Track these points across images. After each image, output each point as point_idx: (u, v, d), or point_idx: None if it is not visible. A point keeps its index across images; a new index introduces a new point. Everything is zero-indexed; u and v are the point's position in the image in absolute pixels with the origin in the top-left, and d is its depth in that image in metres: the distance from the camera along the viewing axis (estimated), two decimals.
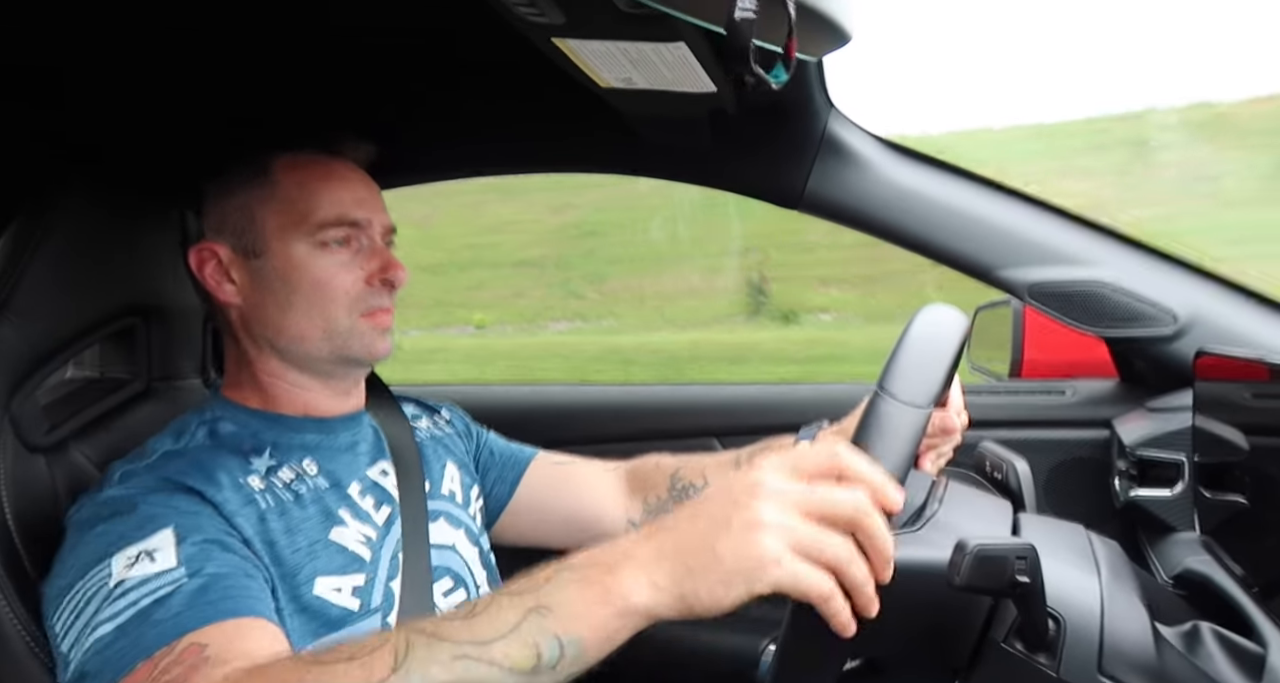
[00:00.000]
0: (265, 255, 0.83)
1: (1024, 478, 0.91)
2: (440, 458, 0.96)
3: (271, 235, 0.82)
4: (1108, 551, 0.75)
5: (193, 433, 0.80)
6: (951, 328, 0.66)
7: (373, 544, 0.80)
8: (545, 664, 0.53)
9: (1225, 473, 0.84)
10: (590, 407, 1.46)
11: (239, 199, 0.84)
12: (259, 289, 0.83)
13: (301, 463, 0.82)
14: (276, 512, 0.75)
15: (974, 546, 0.57)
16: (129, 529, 0.67)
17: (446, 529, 0.90)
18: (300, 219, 0.82)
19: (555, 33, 0.68)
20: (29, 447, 0.80)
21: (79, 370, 0.97)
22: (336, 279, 0.82)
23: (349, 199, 0.84)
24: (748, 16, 0.50)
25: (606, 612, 0.53)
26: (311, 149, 0.87)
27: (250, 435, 0.82)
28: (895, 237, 1.15)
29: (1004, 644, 0.64)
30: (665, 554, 0.54)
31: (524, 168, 1.34)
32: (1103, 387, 1.25)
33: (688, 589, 0.52)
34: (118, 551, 0.65)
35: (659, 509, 1.01)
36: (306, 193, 0.83)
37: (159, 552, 0.65)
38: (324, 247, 0.82)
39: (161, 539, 0.66)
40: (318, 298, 0.82)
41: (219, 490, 0.72)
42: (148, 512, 0.68)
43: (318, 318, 0.82)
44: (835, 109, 1.13)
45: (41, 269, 0.82)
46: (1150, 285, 1.09)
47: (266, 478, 0.78)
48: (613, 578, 0.54)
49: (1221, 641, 0.65)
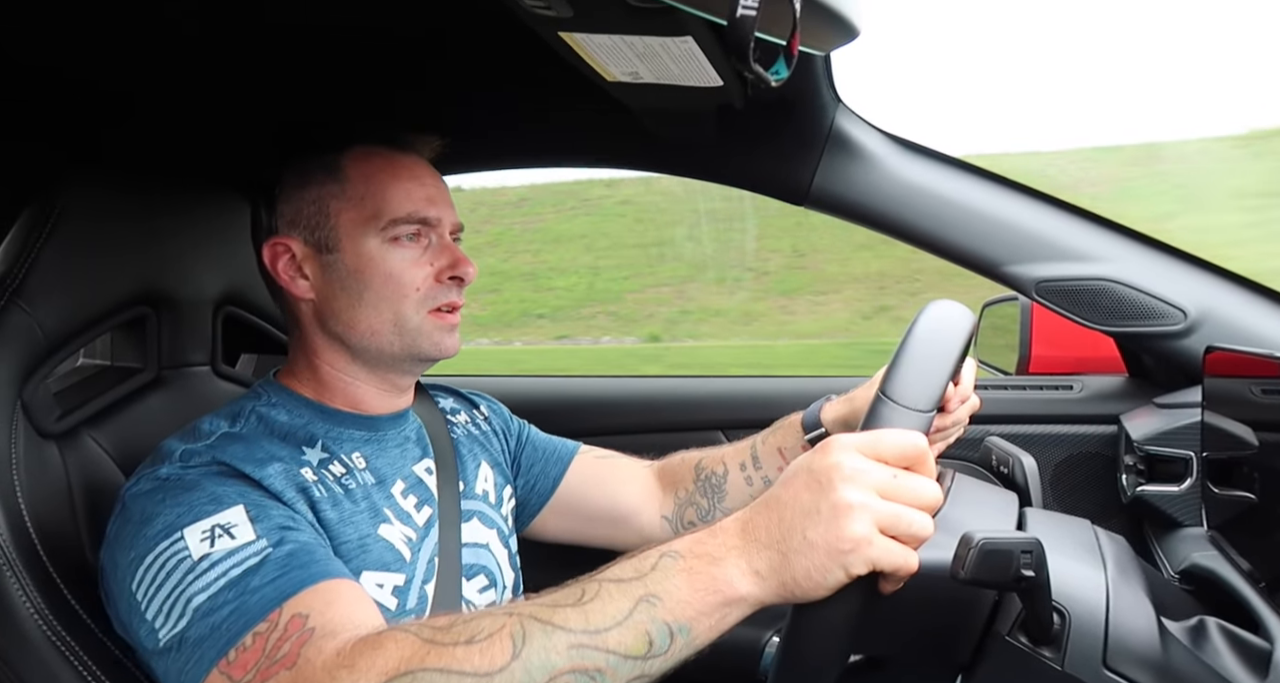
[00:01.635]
0: (338, 251, 0.83)
1: (1030, 473, 0.91)
2: (475, 457, 0.96)
3: (344, 231, 0.82)
4: (1114, 545, 0.75)
5: (247, 417, 0.80)
6: (956, 326, 0.66)
7: (413, 545, 0.81)
8: (656, 651, 0.55)
9: (1234, 469, 0.84)
10: (597, 399, 1.46)
11: (312, 194, 0.84)
12: (332, 284, 0.83)
13: (351, 456, 0.82)
14: (329, 502, 0.76)
15: (979, 539, 0.57)
16: (198, 504, 0.67)
17: (480, 529, 0.90)
18: (373, 215, 0.82)
19: (563, 26, 0.68)
20: (41, 433, 0.81)
21: (90, 358, 0.98)
22: (407, 274, 0.82)
23: (420, 196, 0.84)
24: (749, 13, 0.49)
25: (714, 601, 0.55)
26: (381, 144, 0.86)
27: (303, 426, 0.82)
28: (901, 232, 1.15)
29: (1008, 638, 0.64)
30: (763, 544, 0.56)
31: (531, 163, 1.34)
32: (1111, 382, 1.25)
33: (787, 577, 0.55)
34: (189, 523, 0.65)
35: (687, 503, 1.02)
36: (377, 188, 0.83)
37: (235, 527, 0.65)
38: (395, 242, 0.82)
39: (234, 515, 0.66)
40: (389, 293, 0.82)
41: (273, 480, 0.72)
42: (214, 490, 0.69)
43: (387, 313, 0.82)
44: (842, 104, 1.13)
45: (53, 257, 0.82)
46: (1159, 281, 1.09)
47: (318, 470, 0.78)
48: (718, 569, 0.56)
49: (1228, 636, 0.65)
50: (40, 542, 0.75)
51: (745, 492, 0.99)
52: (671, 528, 1.03)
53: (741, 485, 0.99)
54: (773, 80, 0.56)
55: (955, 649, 0.68)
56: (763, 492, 0.97)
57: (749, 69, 0.52)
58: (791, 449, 0.96)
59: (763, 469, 0.98)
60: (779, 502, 0.57)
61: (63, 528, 0.79)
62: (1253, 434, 0.80)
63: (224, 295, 1.03)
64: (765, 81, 0.55)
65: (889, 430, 0.58)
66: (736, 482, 0.99)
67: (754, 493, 0.98)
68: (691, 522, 1.02)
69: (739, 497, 0.99)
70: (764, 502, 0.58)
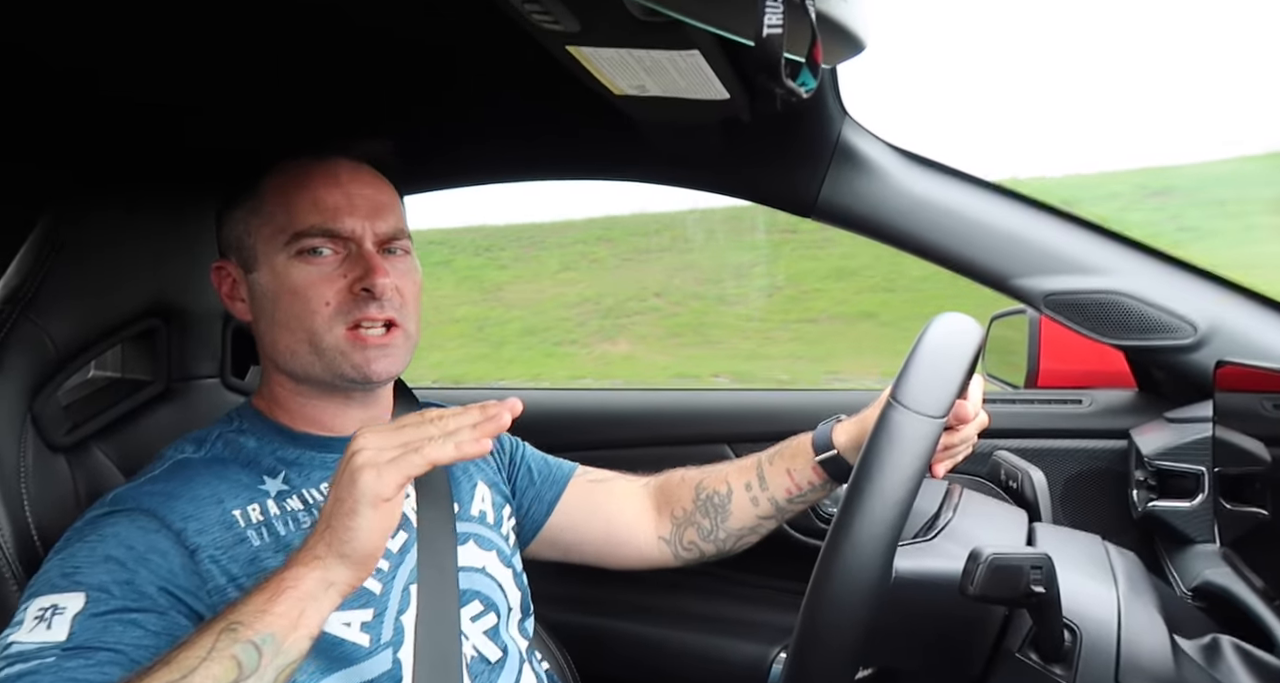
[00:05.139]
0: (257, 270, 0.81)
1: (1039, 488, 0.90)
2: (470, 477, 0.93)
3: (260, 249, 0.81)
4: (1125, 562, 0.74)
5: (213, 443, 0.80)
6: (966, 336, 0.66)
7: (383, 577, 0.78)
8: (248, 671, 0.60)
9: (1246, 484, 0.83)
10: (603, 412, 1.46)
11: (238, 215, 0.84)
12: (255, 305, 0.82)
13: (319, 486, 0.80)
14: (272, 548, 0.73)
15: (988, 555, 0.57)
16: (63, 573, 0.66)
17: (476, 552, 0.88)
18: (280, 229, 0.80)
19: (570, 40, 0.68)
20: (50, 446, 0.81)
21: (100, 371, 0.98)
22: (314, 289, 0.78)
23: (328, 204, 0.80)
24: (776, 32, 0.50)
25: (287, 600, 0.61)
26: (301, 156, 0.84)
27: (269, 453, 0.80)
28: (909, 245, 1.14)
29: (1019, 655, 0.63)
30: (315, 532, 0.64)
31: (538, 175, 1.34)
32: (1120, 397, 1.24)
33: (336, 542, 0.62)
34: (43, 594, 0.65)
35: (686, 523, 0.99)
36: (286, 201, 0.80)
37: (58, 617, 0.64)
38: (301, 256, 0.79)
39: (73, 600, 0.65)
40: (296, 310, 0.78)
41: (204, 529, 0.71)
42: (99, 552, 0.67)
43: (300, 332, 0.79)
44: (849, 116, 1.13)
45: (65, 271, 0.83)
46: (1169, 295, 1.08)
47: (275, 503, 0.76)
48: (285, 571, 0.63)
49: (1241, 654, 0.64)
50: (45, 555, 0.75)
51: (751, 512, 0.96)
52: (670, 550, 1.00)
53: (747, 506, 0.96)
54: (804, 92, 0.57)
55: (966, 663, 0.67)
56: (770, 512, 0.97)
57: (781, 84, 0.53)
58: (801, 471, 0.93)
59: (769, 490, 0.95)
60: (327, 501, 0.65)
61: None
62: (1265, 449, 0.79)
63: None
64: (796, 94, 0.56)
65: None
66: (742, 502, 0.96)
67: (760, 513, 0.96)
68: (692, 542, 0.99)
69: (744, 517, 0.96)
70: None
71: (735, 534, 0.98)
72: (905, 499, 0.59)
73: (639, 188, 1.31)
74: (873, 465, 0.60)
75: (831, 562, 0.59)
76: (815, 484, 0.94)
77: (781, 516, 0.97)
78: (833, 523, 0.61)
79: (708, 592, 1.35)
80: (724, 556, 1.00)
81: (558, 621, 1.14)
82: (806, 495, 0.95)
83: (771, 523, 0.98)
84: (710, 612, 1.31)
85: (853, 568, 0.58)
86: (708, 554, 1.00)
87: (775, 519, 0.97)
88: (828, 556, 0.59)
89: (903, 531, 0.60)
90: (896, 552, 0.61)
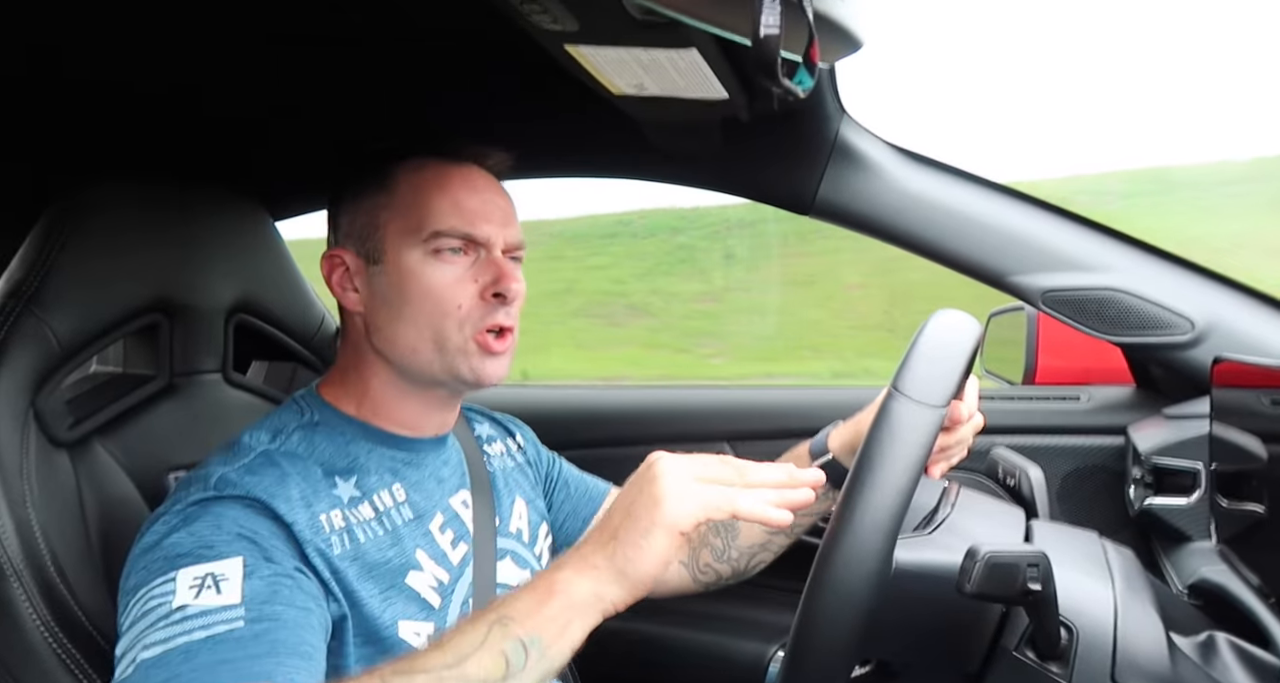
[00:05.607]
0: (383, 262, 0.81)
1: (1037, 484, 0.90)
2: (510, 492, 0.93)
3: (389, 242, 0.80)
4: (1122, 559, 0.74)
5: (289, 434, 0.78)
6: (964, 331, 0.66)
7: (443, 589, 0.79)
8: (514, 669, 0.59)
9: (1243, 482, 0.83)
10: (603, 409, 1.46)
11: (364, 205, 0.83)
12: (376, 297, 0.81)
13: (391, 488, 0.80)
14: (351, 556, 0.73)
15: (985, 552, 0.57)
16: (203, 545, 0.66)
17: (513, 569, 0.88)
18: (416, 226, 0.80)
19: (568, 40, 0.68)
20: (53, 441, 0.81)
21: (102, 366, 0.98)
22: (449, 291, 0.79)
23: (468, 208, 0.81)
24: (773, 32, 0.50)
25: (557, 605, 0.60)
26: (433, 156, 0.84)
27: (343, 447, 0.79)
28: (907, 242, 1.14)
29: (1015, 653, 0.64)
30: (597, 543, 0.62)
31: (536, 173, 1.34)
32: (1118, 393, 1.24)
33: (619, 556, 0.61)
34: (185, 565, 0.65)
35: (700, 544, 0.99)
36: (424, 200, 0.81)
37: (225, 581, 0.64)
38: (437, 255, 0.79)
39: (231, 566, 0.65)
40: (428, 308, 0.79)
41: (302, 527, 0.71)
42: (228, 529, 0.67)
43: (427, 330, 0.79)
44: (847, 115, 1.13)
45: (68, 265, 0.83)
46: (1166, 291, 1.08)
47: (348, 510, 0.75)
48: (558, 574, 0.62)
49: (1237, 651, 0.64)
50: (48, 551, 0.75)
51: (759, 527, 0.97)
52: (689, 573, 1.01)
53: None
54: (801, 91, 0.57)
55: (963, 660, 0.67)
56: None
57: (778, 84, 0.53)
58: None
59: None
60: (611, 509, 0.64)
61: (72, 538, 0.79)
62: (1262, 446, 0.79)
63: (237, 303, 1.04)
64: (794, 93, 0.56)
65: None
66: None
67: (768, 529, 0.97)
68: (708, 564, 0.99)
69: (753, 533, 0.97)
70: (601, 518, 0.65)
71: (747, 552, 0.99)
72: (907, 488, 0.59)
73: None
74: (874, 454, 0.60)
75: (833, 549, 0.59)
76: (816, 492, 0.94)
77: (790, 530, 0.98)
78: (834, 511, 0.61)
79: (707, 591, 1.35)
80: (741, 577, 1.01)
81: None
82: (811, 506, 0.96)
83: (782, 539, 0.99)
84: (709, 610, 1.31)
85: (854, 556, 0.58)
86: (724, 576, 1.00)
87: (784, 534, 0.98)
88: (829, 543, 0.60)
89: (903, 522, 0.61)
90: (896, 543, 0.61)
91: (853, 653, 0.60)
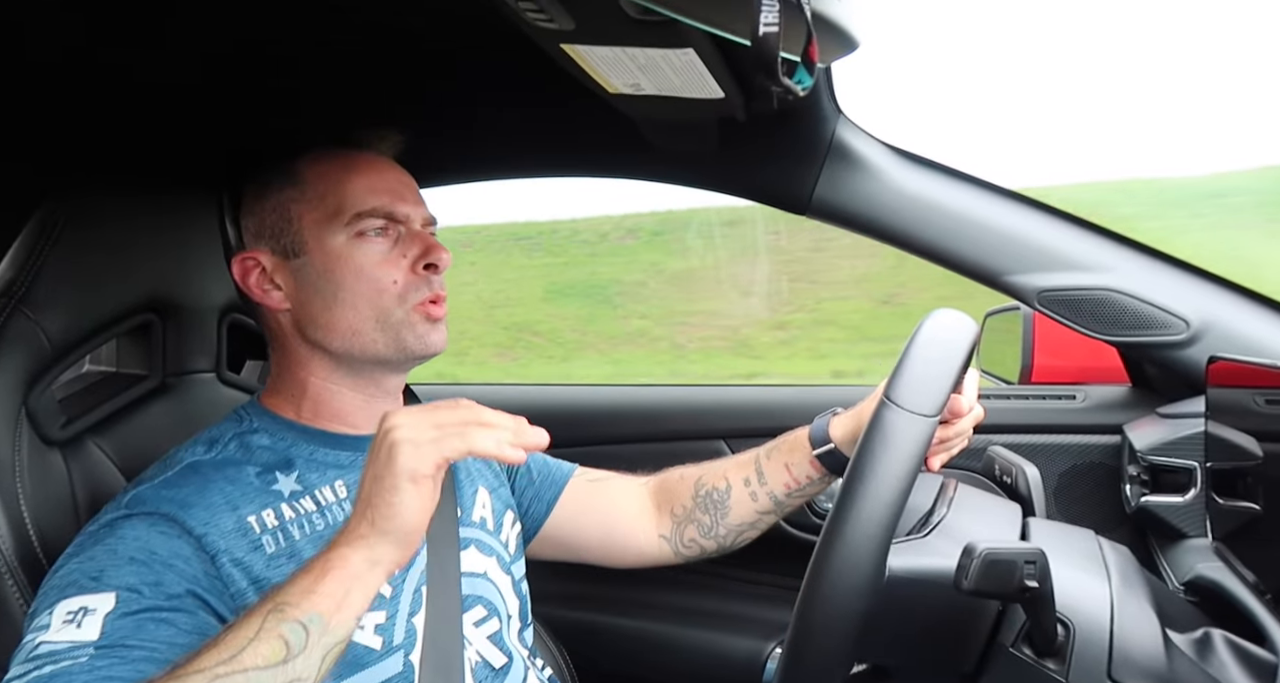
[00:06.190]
0: (305, 254, 0.81)
1: (1034, 483, 0.91)
2: (472, 482, 0.93)
3: (309, 232, 0.81)
4: (1118, 556, 0.75)
5: (225, 443, 0.79)
6: (959, 334, 0.66)
7: (394, 578, 0.78)
8: (295, 650, 0.60)
9: (1238, 479, 0.83)
10: (599, 408, 1.46)
11: (273, 202, 0.83)
12: (305, 289, 0.81)
13: (332, 485, 0.79)
14: (286, 554, 0.73)
15: (983, 550, 0.57)
16: (89, 575, 0.66)
17: (477, 557, 0.88)
18: (335, 212, 0.81)
19: (564, 38, 0.68)
20: (45, 440, 0.81)
21: (95, 365, 0.98)
22: (380, 270, 0.80)
23: (382, 189, 0.83)
24: (772, 30, 0.50)
25: (332, 580, 0.61)
26: (334, 145, 0.86)
27: (283, 450, 0.80)
28: (903, 242, 1.15)
29: (1012, 649, 0.64)
30: (356, 512, 0.64)
31: (535, 173, 1.34)
32: (1114, 392, 1.25)
33: (378, 519, 0.62)
34: (69, 596, 0.65)
35: (686, 520, 1.00)
36: (335, 185, 0.82)
37: (91, 615, 0.63)
38: (361, 237, 0.81)
39: (104, 600, 0.64)
40: (363, 288, 0.80)
41: (221, 536, 0.71)
42: (122, 552, 0.67)
43: (366, 309, 0.80)
44: (843, 115, 1.13)
45: (59, 265, 0.83)
46: (1162, 291, 1.09)
47: (288, 504, 0.75)
48: (328, 552, 0.63)
49: (1233, 648, 0.65)
50: (42, 549, 0.75)
51: (750, 507, 0.97)
52: (671, 547, 1.01)
53: (746, 501, 0.97)
54: (800, 90, 0.57)
55: (960, 658, 0.67)
56: (769, 507, 0.98)
57: (778, 83, 0.53)
58: (799, 465, 0.94)
59: (768, 485, 0.96)
60: (360, 478, 0.65)
61: (66, 536, 0.79)
62: (1256, 445, 0.79)
63: (230, 302, 1.04)
64: (793, 92, 0.56)
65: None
66: (741, 497, 0.97)
67: (759, 508, 0.97)
68: (693, 539, 1.00)
69: (744, 512, 0.97)
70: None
71: (735, 530, 0.99)
72: (898, 500, 0.59)
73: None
74: (866, 466, 0.60)
75: (824, 563, 0.59)
76: (813, 479, 0.95)
77: (780, 510, 0.98)
78: (826, 523, 0.61)
79: (704, 587, 1.35)
80: (725, 551, 1.01)
81: (555, 617, 1.14)
82: (805, 489, 0.96)
83: (771, 518, 0.99)
84: (706, 607, 1.32)
85: (846, 569, 0.58)
86: (708, 551, 1.01)
87: (774, 514, 0.98)
88: (821, 556, 0.60)
89: (896, 529, 0.61)
90: (890, 550, 0.61)
91: (848, 662, 0.60)
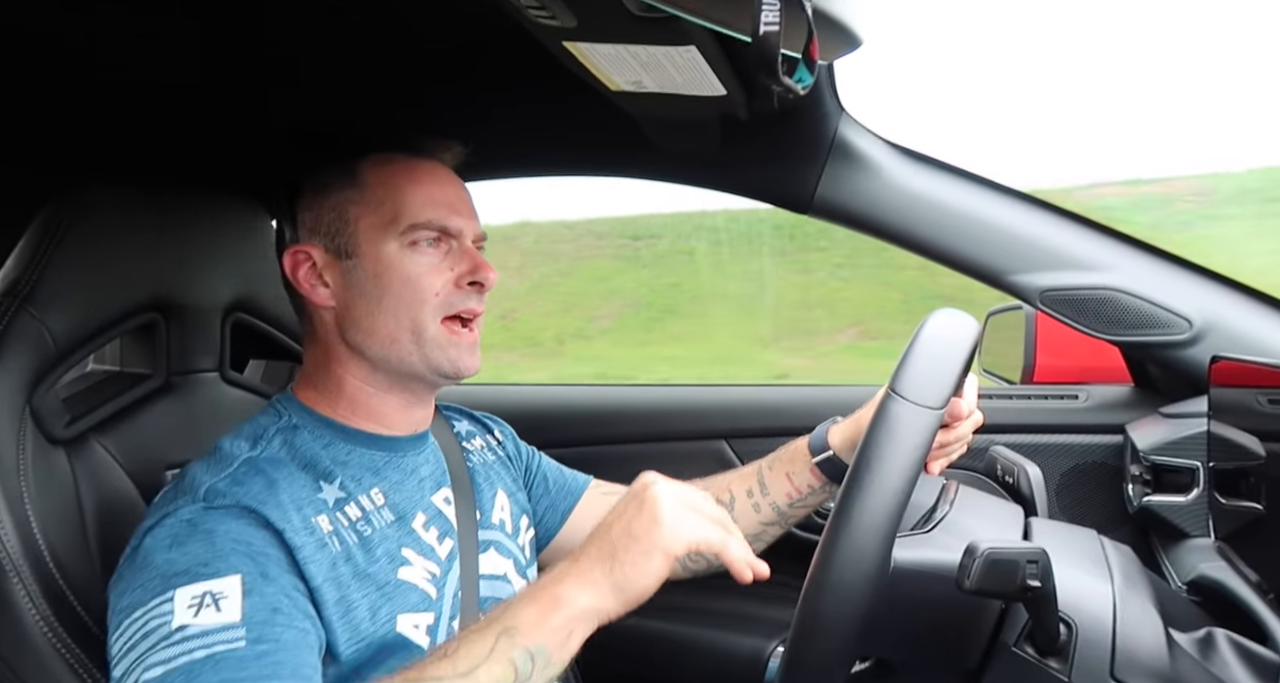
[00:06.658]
0: (357, 256, 0.81)
1: (1036, 482, 0.91)
2: (491, 485, 0.93)
3: (363, 236, 0.81)
4: (1121, 556, 0.75)
5: (269, 440, 0.78)
6: (962, 331, 0.66)
7: (437, 581, 0.79)
8: (522, 677, 0.62)
9: (1241, 479, 0.83)
10: (600, 408, 1.46)
11: (331, 201, 0.83)
12: (352, 291, 0.81)
13: (370, 493, 0.79)
14: (343, 556, 0.73)
15: (985, 549, 0.57)
16: (199, 563, 0.65)
17: (497, 559, 0.88)
18: (391, 219, 0.81)
19: (567, 36, 0.68)
20: (50, 439, 0.81)
21: (99, 364, 0.98)
22: (425, 279, 0.81)
23: (441, 202, 0.83)
24: (772, 28, 0.50)
25: (560, 617, 0.64)
26: (399, 150, 0.85)
27: (323, 449, 0.79)
28: (905, 241, 1.15)
29: (1015, 649, 0.64)
30: (595, 558, 0.66)
31: (537, 172, 1.34)
32: (1116, 392, 1.25)
33: (619, 574, 0.64)
34: (184, 584, 0.64)
35: None
36: (394, 193, 0.82)
37: (225, 599, 0.64)
38: (414, 247, 0.81)
39: (229, 584, 0.64)
40: (407, 298, 0.80)
41: (295, 533, 0.70)
42: (222, 546, 0.67)
43: (405, 319, 0.80)
44: (846, 113, 1.13)
45: (64, 264, 0.83)
46: (1164, 291, 1.08)
47: (334, 514, 0.75)
48: (560, 587, 0.65)
49: (1236, 647, 0.65)
50: (47, 548, 0.75)
51: (754, 519, 0.97)
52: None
53: (750, 513, 0.97)
54: (800, 88, 0.57)
55: (962, 656, 0.67)
56: (773, 518, 0.98)
57: (778, 81, 0.53)
58: (800, 474, 0.94)
59: (770, 495, 0.96)
60: (607, 524, 0.67)
61: (70, 535, 0.79)
62: (1259, 445, 0.79)
63: (234, 302, 1.04)
64: (793, 91, 0.56)
65: None
66: (744, 509, 0.97)
67: (763, 520, 0.97)
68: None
69: (748, 524, 0.97)
70: (595, 530, 0.68)
71: None
72: (904, 490, 0.59)
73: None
74: (871, 456, 0.60)
75: (830, 552, 0.59)
76: (814, 487, 0.95)
77: (784, 521, 0.98)
78: (832, 513, 0.61)
79: (706, 586, 1.34)
80: None
81: None
82: (807, 499, 0.96)
83: (776, 530, 0.99)
84: (709, 606, 1.31)
85: (851, 558, 0.58)
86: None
87: (779, 525, 0.98)
88: (827, 546, 0.60)
89: (901, 521, 0.61)
90: (894, 543, 0.61)
91: (851, 654, 0.60)
